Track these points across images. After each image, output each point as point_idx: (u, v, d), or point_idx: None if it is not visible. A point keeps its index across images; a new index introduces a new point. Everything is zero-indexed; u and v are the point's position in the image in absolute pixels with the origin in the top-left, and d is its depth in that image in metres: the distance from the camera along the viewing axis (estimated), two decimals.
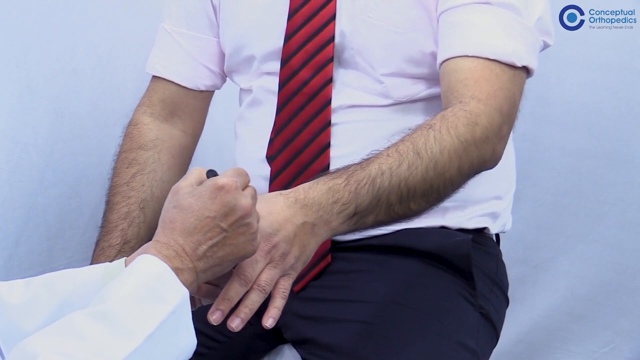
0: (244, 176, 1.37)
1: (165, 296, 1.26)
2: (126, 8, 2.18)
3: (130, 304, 1.24)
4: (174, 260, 1.30)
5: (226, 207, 1.32)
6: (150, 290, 1.26)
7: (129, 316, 1.23)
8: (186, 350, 1.28)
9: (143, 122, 1.90)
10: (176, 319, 1.26)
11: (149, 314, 1.24)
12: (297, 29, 1.74)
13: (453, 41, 1.65)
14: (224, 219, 1.32)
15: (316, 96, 1.72)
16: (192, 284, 1.31)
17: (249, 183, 1.38)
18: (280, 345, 1.77)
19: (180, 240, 1.31)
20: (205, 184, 1.34)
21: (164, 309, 1.25)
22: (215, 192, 1.32)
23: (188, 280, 1.30)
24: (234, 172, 1.36)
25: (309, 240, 1.44)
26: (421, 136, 1.52)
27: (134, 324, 1.23)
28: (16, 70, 1.97)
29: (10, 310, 1.33)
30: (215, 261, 1.33)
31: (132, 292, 1.25)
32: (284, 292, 1.41)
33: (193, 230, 1.31)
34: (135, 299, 1.24)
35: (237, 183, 1.33)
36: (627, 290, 2.41)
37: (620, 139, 2.36)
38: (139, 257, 1.30)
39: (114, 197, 1.84)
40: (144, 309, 1.24)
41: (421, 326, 1.64)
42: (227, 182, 1.32)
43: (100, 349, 1.19)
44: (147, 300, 1.25)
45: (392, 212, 1.50)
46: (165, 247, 1.31)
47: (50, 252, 2.05)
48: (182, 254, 1.31)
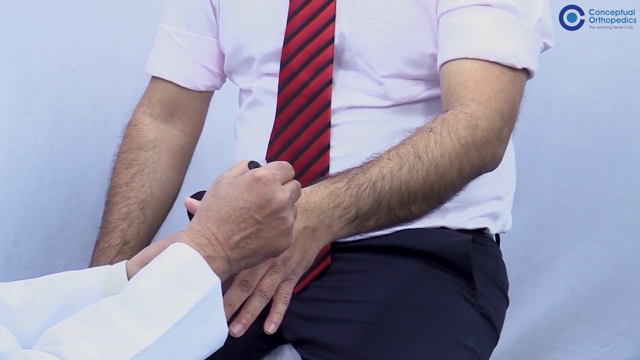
0: (287, 170, 1.36)
1: (195, 284, 1.25)
2: (126, 8, 2.18)
3: (159, 291, 1.23)
4: (206, 248, 1.29)
5: (262, 198, 1.31)
6: (181, 278, 1.25)
7: (157, 303, 1.22)
8: (217, 338, 1.28)
9: (142, 123, 1.90)
10: (206, 307, 1.26)
11: (178, 302, 1.23)
12: (296, 30, 1.73)
13: (453, 43, 1.65)
14: (259, 211, 1.31)
15: (316, 98, 1.72)
16: (224, 273, 1.30)
17: (292, 177, 1.37)
18: (281, 345, 1.76)
19: (214, 229, 1.30)
20: (245, 174, 1.33)
21: (194, 297, 1.24)
22: (253, 183, 1.31)
23: (220, 268, 1.30)
24: (276, 165, 1.36)
25: (310, 244, 1.44)
26: (422, 139, 1.52)
27: (162, 311, 1.22)
28: (16, 70, 1.96)
29: (10, 312, 1.33)
30: (247, 252, 1.32)
31: (161, 280, 1.24)
32: (285, 297, 1.41)
33: (227, 220, 1.31)
34: (164, 286, 1.24)
35: (276, 176, 1.33)
36: (627, 290, 2.41)
37: (621, 139, 2.37)
38: (171, 246, 1.29)
39: (114, 198, 1.84)
40: (173, 296, 1.24)
41: (421, 326, 1.64)
42: (265, 174, 1.32)
43: (127, 334, 1.19)
44: (177, 287, 1.24)
45: (393, 216, 1.50)
46: (199, 235, 1.30)
47: (50, 252, 2.05)
48: (215, 242, 1.30)
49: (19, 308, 1.33)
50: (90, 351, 1.16)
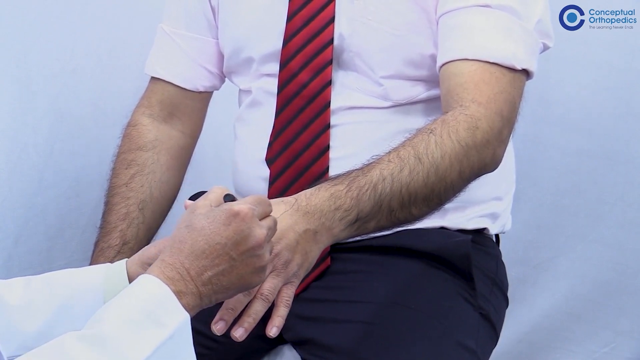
0: (265, 205, 1.34)
1: (163, 320, 1.22)
2: (126, 8, 2.18)
3: (126, 327, 1.20)
4: (177, 283, 1.26)
5: (239, 235, 1.28)
6: (149, 314, 1.22)
7: (124, 340, 1.19)
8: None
9: (142, 123, 1.90)
10: (174, 344, 1.22)
11: (146, 339, 1.20)
12: (296, 31, 1.73)
13: (453, 44, 1.64)
14: (235, 248, 1.28)
15: (315, 99, 1.72)
16: (194, 309, 1.27)
17: (269, 213, 1.35)
18: (280, 345, 1.76)
19: (187, 263, 1.27)
20: (222, 207, 1.30)
21: (162, 334, 1.21)
22: (230, 218, 1.28)
23: (190, 304, 1.26)
24: (254, 199, 1.33)
25: (311, 247, 1.44)
26: (422, 141, 1.52)
27: (129, 348, 1.19)
28: (16, 70, 1.97)
29: (10, 311, 1.33)
30: (219, 288, 1.29)
31: (129, 315, 1.21)
32: (287, 301, 1.41)
33: (201, 255, 1.27)
34: (132, 322, 1.21)
35: (254, 211, 1.30)
36: (627, 290, 2.41)
37: (621, 139, 2.36)
38: (140, 277, 1.26)
39: (113, 198, 1.84)
40: (141, 333, 1.20)
41: (421, 327, 1.64)
42: (242, 209, 1.29)
43: None
44: (145, 324, 1.21)
45: (394, 218, 1.50)
46: (170, 268, 1.27)
47: (50, 252, 2.05)
48: (187, 277, 1.27)
49: (19, 307, 1.33)
50: None
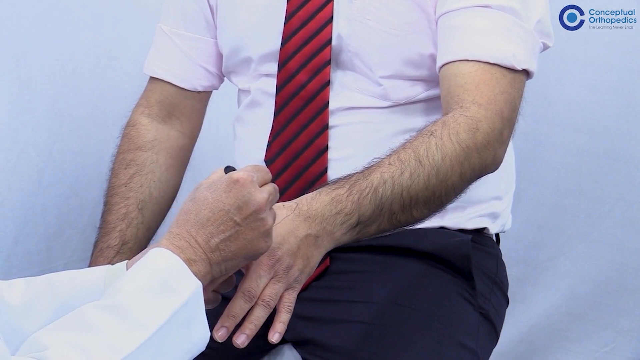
0: (264, 173, 1.37)
1: (177, 288, 1.25)
2: (126, 8, 2.19)
3: (141, 296, 1.23)
4: (186, 251, 1.29)
5: (240, 200, 1.32)
6: (162, 283, 1.25)
7: (140, 308, 1.22)
8: (199, 342, 1.28)
9: (141, 123, 1.90)
10: (189, 311, 1.26)
11: (161, 306, 1.24)
12: (294, 31, 1.73)
13: (452, 45, 1.64)
14: (238, 213, 1.32)
15: (314, 99, 1.72)
16: (205, 276, 1.31)
17: (269, 180, 1.38)
18: (281, 345, 1.76)
19: (193, 232, 1.31)
20: (222, 177, 1.34)
21: (176, 301, 1.24)
22: (230, 185, 1.32)
23: (201, 271, 1.30)
24: (253, 167, 1.37)
25: (312, 252, 1.44)
26: (422, 143, 1.52)
27: (145, 315, 1.22)
28: (16, 70, 1.97)
29: (11, 311, 1.33)
30: (227, 255, 1.32)
31: (143, 285, 1.24)
32: (289, 306, 1.41)
33: (206, 222, 1.31)
34: (146, 291, 1.24)
35: (253, 177, 1.33)
36: (627, 289, 2.41)
37: (621, 139, 2.36)
38: (152, 250, 1.29)
39: (112, 198, 1.84)
40: (156, 301, 1.24)
41: (421, 326, 1.64)
42: (242, 176, 1.33)
43: (111, 340, 1.19)
44: (159, 292, 1.24)
45: (395, 220, 1.50)
46: (178, 238, 1.30)
47: (49, 251, 2.05)
48: (195, 245, 1.30)
49: (19, 307, 1.34)
50: (76, 358, 1.16)
